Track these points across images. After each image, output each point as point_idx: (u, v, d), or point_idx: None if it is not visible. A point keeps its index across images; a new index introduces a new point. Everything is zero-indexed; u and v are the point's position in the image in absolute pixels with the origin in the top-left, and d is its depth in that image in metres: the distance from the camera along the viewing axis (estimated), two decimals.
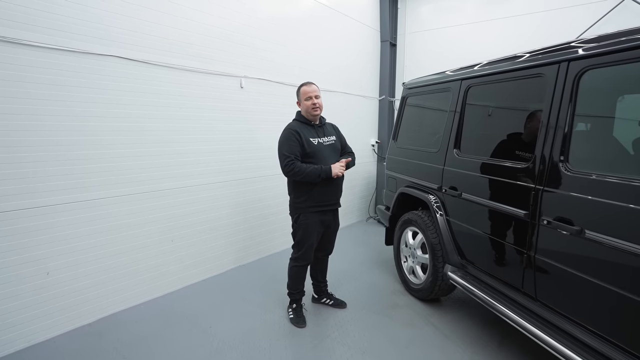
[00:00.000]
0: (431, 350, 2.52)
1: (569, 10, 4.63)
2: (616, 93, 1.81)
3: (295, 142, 2.54)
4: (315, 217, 2.67)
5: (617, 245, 1.57)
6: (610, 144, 1.87)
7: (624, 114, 1.81)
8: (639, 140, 1.78)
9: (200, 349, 2.48)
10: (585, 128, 1.90)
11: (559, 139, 1.88)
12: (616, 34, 1.70)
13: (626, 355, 1.60)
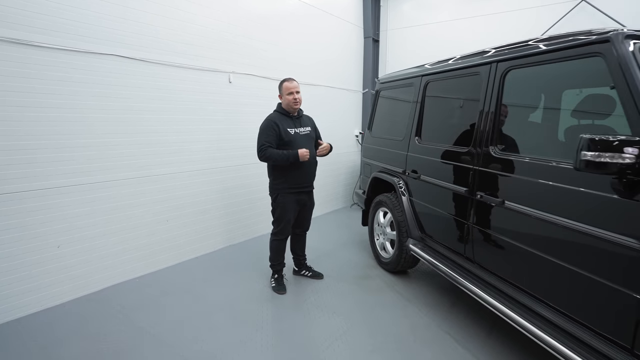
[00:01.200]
0: (394, 311, 2.91)
1: (536, 10, 4.99)
2: (533, 88, 2.19)
3: (273, 131, 2.89)
4: (291, 197, 3.03)
5: (530, 212, 1.96)
6: (527, 130, 2.25)
7: (539, 106, 2.19)
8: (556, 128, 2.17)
9: (192, 311, 2.86)
10: (508, 117, 2.27)
11: (490, 126, 2.26)
12: (534, 40, 2.07)
13: (540, 304, 1.98)
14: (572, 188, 1.72)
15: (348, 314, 2.87)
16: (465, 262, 2.56)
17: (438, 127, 2.90)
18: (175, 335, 2.55)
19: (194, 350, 2.38)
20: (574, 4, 4.63)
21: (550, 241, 1.87)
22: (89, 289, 3.10)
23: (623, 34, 1.57)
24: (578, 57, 1.75)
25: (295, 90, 2.97)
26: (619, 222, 1.53)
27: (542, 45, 1.96)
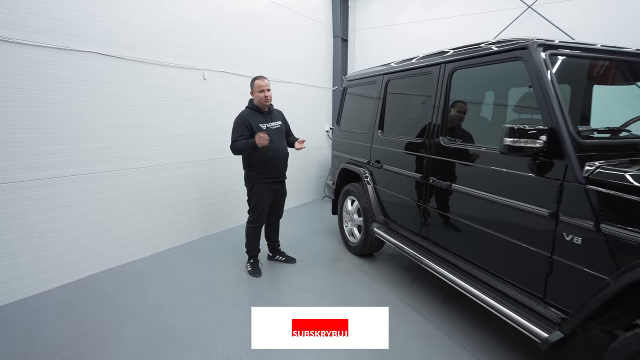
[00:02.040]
0: (360, 288, 3.21)
1: (489, 15, 5.43)
2: (474, 86, 2.53)
3: (244, 127, 3.09)
4: (265, 186, 3.25)
5: (471, 192, 2.29)
6: (468, 122, 2.60)
7: (479, 101, 2.54)
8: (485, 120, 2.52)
9: (172, 295, 3.05)
10: (455, 112, 2.61)
11: (440, 119, 2.58)
12: (475, 44, 2.40)
13: (480, 270, 2.32)
14: (500, 170, 2.07)
15: (319, 291, 3.14)
16: (421, 240, 2.89)
17: (397, 121, 3.21)
18: (157, 317, 2.73)
19: (175, 329, 2.58)
20: (522, 10, 5.10)
21: (485, 215, 2.22)
22: (73, 277, 3.22)
23: (537, 43, 1.92)
24: (505, 60, 2.09)
25: (266, 88, 3.15)
26: (534, 195, 1.88)
27: (479, 49, 2.30)
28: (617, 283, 1.47)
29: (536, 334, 1.81)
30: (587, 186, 1.64)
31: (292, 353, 2.29)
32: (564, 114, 1.78)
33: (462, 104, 2.61)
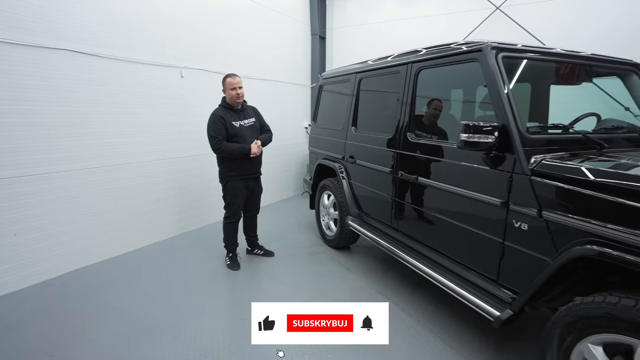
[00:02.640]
0: (335, 279, 3.35)
1: (460, 15, 5.63)
2: (439, 85, 2.68)
3: (221, 125, 3.12)
4: (240, 183, 3.32)
5: (434, 185, 2.45)
6: (433, 119, 2.75)
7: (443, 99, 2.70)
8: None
9: (153, 289, 3.11)
10: (421, 109, 2.76)
11: (407, 116, 2.73)
12: (439, 46, 2.55)
13: (444, 257, 2.48)
14: (459, 163, 2.23)
15: (295, 283, 3.26)
16: (392, 231, 3.04)
17: (369, 118, 3.35)
18: (138, 309, 2.80)
19: (156, 321, 2.65)
20: (491, 11, 5.31)
21: (447, 206, 2.38)
22: (51, 274, 3.24)
23: (491, 45, 2.07)
24: (463, 61, 2.25)
25: (238, 86, 3.18)
26: (489, 187, 2.04)
27: (441, 51, 2.45)
28: (555, 263, 1.65)
29: (490, 313, 1.98)
30: (532, 177, 1.81)
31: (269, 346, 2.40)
32: (513, 112, 1.94)
33: (438, 102, 2.75)
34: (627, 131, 2.30)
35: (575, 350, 1.59)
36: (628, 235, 1.42)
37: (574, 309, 1.57)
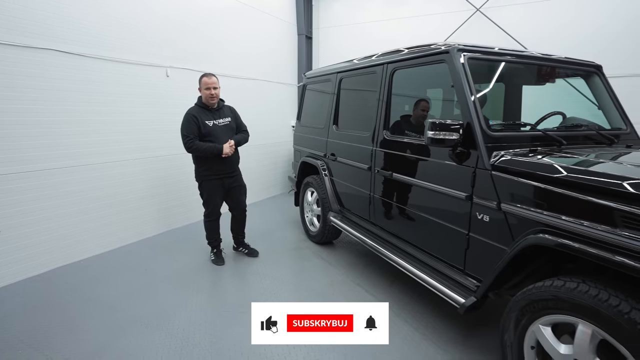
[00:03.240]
0: (317, 272, 3.45)
1: (442, 16, 5.77)
2: (412, 84, 2.80)
3: (193, 124, 3.14)
4: (215, 182, 3.34)
5: (406, 180, 2.56)
6: (409, 121, 2.87)
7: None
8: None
9: (138, 283, 3.18)
10: (396, 107, 2.87)
11: (383, 115, 2.84)
12: (414, 47, 2.66)
13: (419, 250, 2.60)
14: (428, 159, 2.34)
15: (278, 277, 3.35)
16: (370, 225, 3.16)
17: (349, 116, 3.46)
18: (123, 302, 2.87)
19: (140, 314, 2.72)
20: (472, 13, 5.46)
21: (419, 200, 2.50)
22: (36, 271, 3.29)
23: (457, 48, 2.19)
24: (433, 62, 2.37)
25: (213, 86, 3.18)
26: (455, 181, 2.16)
27: (413, 52, 2.56)
28: (510, 252, 1.77)
29: (456, 300, 2.10)
30: (492, 172, 1.93)
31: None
32: (477, 110, 2.06)
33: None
34: (587, 129, 2.44)
35: (529, 332, 1.72)
36: (575, 225, 1.55)
37: (527, 294, 1.70)
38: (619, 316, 1.33)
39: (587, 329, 1.46)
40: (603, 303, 1.39)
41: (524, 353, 1.76)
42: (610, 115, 2.65)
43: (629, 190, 1.44)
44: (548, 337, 1.63)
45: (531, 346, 1.73)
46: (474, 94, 2.10)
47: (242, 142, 3.45)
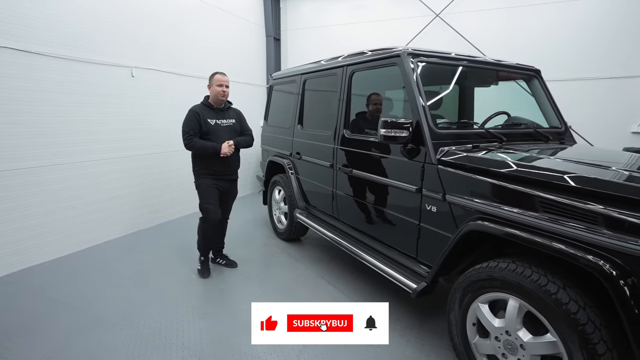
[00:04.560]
0: (283, 268, 3.55)
1: (403, 21, 6.01)
2: (369, 86, 2.96)
3: (195, 121, 3.06)
4: (208, 180, 3.17)
5: (364, 176, 2.71)
6: (363, 116, 3.02)
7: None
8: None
9: (104, 283, 3.17)
10: (355, 107, 3.02)
11: (343, 114, 2.98)
12: (372, 50, 2.82)
13: (378, 242, 2.75)
14: (384, 155, 2.50)
15: (245, 273, 3.42)
16: (334, 221, 3.29)
17: (313, 116, 3.59)
18: (88, 302, 2.86)
19: (106, 313, 2.73)
20: (432, 18, 5.72)
21: (376, 194, 2.65)
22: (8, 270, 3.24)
23: (407, 52, 2.36)
24: (386, 65, 2.53)
25: (225, 84, 3.16)
26: (407, 176, 2.32)
27: (369, 55, 2.72)
28: (453, 239, 1.94)
29: (408, 286, 2.26)
30: (438, 166, 2.11)
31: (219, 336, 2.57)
32: (425, 109, 2.23)
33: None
34: (526, 127, 2.67)
35: (470, 310, 1.90)
36: (508, 212, 1.73)
37: (468, 276, 1.87)
38: (538, 289, 1.52)
39: (515, 302, 1.65)
40: (526, 279, 1.57)
41: (467, 330, 1.94)
42: (548, 115, 2.90)
43: (554, 182, 1.64)
44: (485, 313, 1.81)
45: (473, 323, 1.91)
46: (422, 95, 2.27)
47: (243, 144, 3.28)
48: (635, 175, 1.72)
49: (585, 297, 1.45)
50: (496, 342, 1.77)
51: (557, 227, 1.53)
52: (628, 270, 1.32)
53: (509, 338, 1.70)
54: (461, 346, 1.98)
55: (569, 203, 1.53)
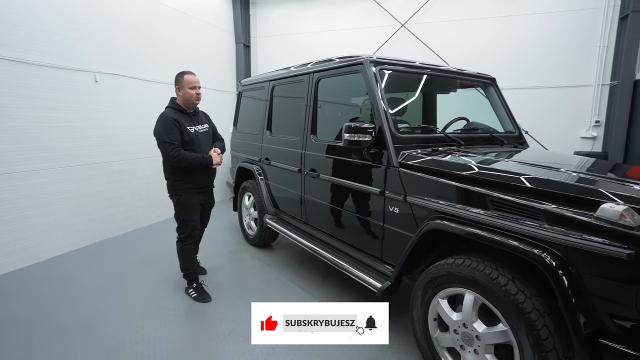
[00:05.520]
0: (253, 273, 3.55)
1: (372, 30, 6.19)
2: (334, 92, 3.04)
3: (176, 130, 2.70)
4: (195, 197, 2.91)
5: (333, 180, 2.77)
6: (329, 122, 3.11)
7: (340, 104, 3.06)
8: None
9: (67, 294, 3.06)
10: (321, 113, 3.09)
11: (310, 120, 3.04)
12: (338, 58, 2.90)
13: (343, 244, 2.81)
14: (349, 159, 2.58)
15: (214, 279, 3.39)
16: (303, 225, 3.33)
17: (281, 122, 3.63)
18: (51, 314, 2.76)
19: (70, 323, 2.65)
20: (397, 28, 5.93)
21: (342, 198, 2.72)
22: None
23: (370, 59, 2.46)
24: (351, 72, 2.62)
25: (198, 85, 2.81)
26: (372, 179, 2.40)
27: (335, 63, 2.80)
28: (414, 238, 2.03)
29: (374, 285, 2.33)
30: (400, 169, 2.20)
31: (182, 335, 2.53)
32: (387, 115, 2.32)
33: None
34: (483, 132, 2.83)
35: (431, 306, 1.98)
36: (464, 211, 1.83)
37: (428, 273, 1.96)
38: (490, 282, 1.62)
39: (470, 296, 1.75)
40: (480, 273, 1.67)
41: (429, 325, 2.02)
42: (503, 121, 3.08)
43: (509, 182, 1.76)
44: (445, 308, 1.89)
45: (434, 318, 2.00)
46: (384, 101, 2.36)
47: (223, 151, 3.11)
48: (583, 176, 1.88)
49: (531, 288, 1.56)
50: (455, 334, 1.86)
51: (509, 224, 1.64)
52: (566, 261, 1.44)
53: (465, 330, 1.79)
54: (424, 341, 2.06)
55: (515, 201, 1.65)
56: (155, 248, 4.12)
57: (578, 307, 1.41)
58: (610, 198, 1.50)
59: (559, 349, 1.48)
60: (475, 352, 1.78)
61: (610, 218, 1.35)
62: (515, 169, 1.97)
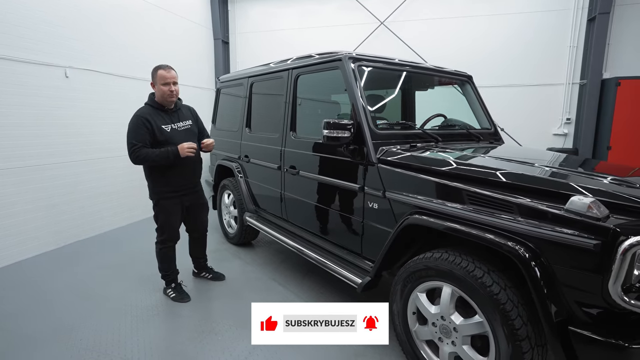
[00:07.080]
0: (234, 271, 3.50)
1: (352, 27, 6.21)
2: (314, 89, 3.04)
3: (145, 130, 2.54)
4: (174, 200, 2.77)
5: (311, 176, 2.77)
6: (309, 118, 3.10)
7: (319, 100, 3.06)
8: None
9: (33, 300, 2.94)
10: (301, 110, 3.08)
11: (290, 117, 3.02)
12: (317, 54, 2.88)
13: (324, 240, 2.81)
14: (328, 156, 2.58)
15: (194, 279, 3.34)
16: (283, 222, 3.31)
17: (260, 119, 3.60)
18: (15, 322, 2.65)
19: (38, 329, 2.55)
20: (376, 25, 5.97)
21: (322, 194, 2.72)
22: None
23: (348, 56, 2.46)
24: (329, 69, 2.62)
25: (172, 81, 2.61)
26: (351, 175, 2.41)
27: (313, 59, 2.79)
28: (393, 233, 2.05)
29: (354, 281, 2.34)
30: (378, 165, 2.21)
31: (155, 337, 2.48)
32: (365, 111, 2.33)
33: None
34: (460, 128, 2.88)
35: (410, 300, 2.00)
36: (441, 206, 1.86)
37: (407, 267, 1.98)
38: (467, 275, 1.65)
39: (448, 289, 1.78)
40: (457, 266, 1.70)
41: (408, 319, 2.04)
42: (479, 117, 3.15)
43: (482, 177, 1.79)
44: (423, 301, 1.92)
45: (413, 312, 2.02)
46: (363, 97, 2.37)
47: (211, 148, 2.92)
48: (556, 171, 1.94)
49: (506, 279, 1.60)
50: (433, 327, 1.89)
51: (485, 218, 1.67)
52: (538, 252, 1.48)
53: (443, 323, 1.83)
54: (403, 335, 2.08)
55: (491, 195, 1.69)
56: (130, 249, 4.02)
57: (549, 297, 1.45)
58: (579, 191, 1.55)
59: (532, 337, 1.53)
60: (452, 343, 1.81)
61: (578, 210, 1.39)
62: (491, 165, 2.01)
